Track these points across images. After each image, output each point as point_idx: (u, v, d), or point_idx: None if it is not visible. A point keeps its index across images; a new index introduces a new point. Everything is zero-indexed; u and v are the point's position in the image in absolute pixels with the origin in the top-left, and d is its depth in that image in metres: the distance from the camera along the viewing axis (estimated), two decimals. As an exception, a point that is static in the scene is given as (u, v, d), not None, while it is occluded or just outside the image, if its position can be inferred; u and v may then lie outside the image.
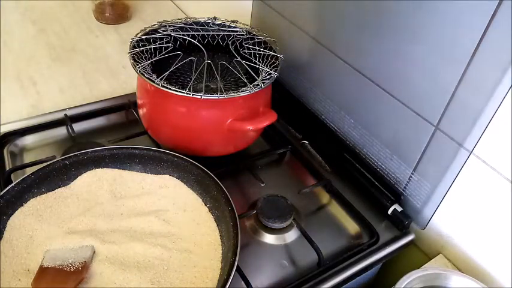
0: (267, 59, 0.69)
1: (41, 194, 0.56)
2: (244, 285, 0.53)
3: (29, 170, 0.58)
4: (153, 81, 0.59)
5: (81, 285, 0.47)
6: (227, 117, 0.63)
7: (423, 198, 0.62)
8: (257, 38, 0.73)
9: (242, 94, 0.60)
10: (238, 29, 0.75)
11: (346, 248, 0.61)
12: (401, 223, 0.64)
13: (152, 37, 0.69)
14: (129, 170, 0.61)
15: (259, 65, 0.68)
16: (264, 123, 0.64)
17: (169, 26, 0.72)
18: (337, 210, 0.67)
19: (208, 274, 0.50)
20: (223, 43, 0.75)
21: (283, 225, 0.61)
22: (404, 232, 0.64)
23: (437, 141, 0.58)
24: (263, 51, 0.70)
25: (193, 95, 0.58)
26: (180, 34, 0.72)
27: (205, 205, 0.58)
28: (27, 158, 0.69)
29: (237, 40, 0.74)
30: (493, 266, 0.57)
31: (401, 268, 0.57)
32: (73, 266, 0.48)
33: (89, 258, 0.50)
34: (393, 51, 0.60)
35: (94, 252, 0.51)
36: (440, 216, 0.62)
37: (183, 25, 0.74)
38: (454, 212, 0.60)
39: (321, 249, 0.57)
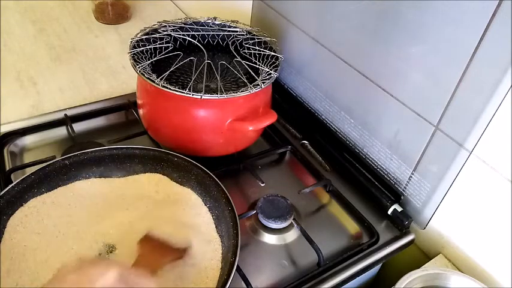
0: (267, 59, 0.69)
1: (41, 194, 0.56)
2: (244, 285, 0.53)
3: (29, 170, 0.58)
4: (153, 81, 0.59)
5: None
6: (227, 117, 0.63)
7: (423, 198, 0.62)
8: (257, 38, 0.73)
9: (242, 94, 0.60)
10: (238, 29, 0.75)
11: (346, 248, 0.61)
12: (402, 223, 0.64)
13: (152, 37, 0.69)
14: (129, 170, 0.61)
15: (259, 65, 0.68)
16: (264, 123, 0.64)
17: (169, 26, 0.72)
18: (337, 210, 0.67)
19: (208, 274, 0.50)
20: (223, 43, 0.75)
21: (283, 225, 0.61)
22: (405, 232, 0.64)
23: (437, 141, 0.58)
24: (263, 51, 0.70)
25: (193, 95, 0.58)
26: (180, 34, 0.72)
27: (205, 205, 0.58)
28: (27, 158, 0.69)
29: (237, 40, 0.74)
30: (493, 266, 0.57)
31: (401, 268, 0.57)
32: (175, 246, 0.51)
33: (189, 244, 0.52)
34: (393, 51, 0.60)
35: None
36: (440, 216, 0.62)
37: (183, 25, 0.74)
38: (454, 212, 0.60)
39: (321, 249, 0.57)
